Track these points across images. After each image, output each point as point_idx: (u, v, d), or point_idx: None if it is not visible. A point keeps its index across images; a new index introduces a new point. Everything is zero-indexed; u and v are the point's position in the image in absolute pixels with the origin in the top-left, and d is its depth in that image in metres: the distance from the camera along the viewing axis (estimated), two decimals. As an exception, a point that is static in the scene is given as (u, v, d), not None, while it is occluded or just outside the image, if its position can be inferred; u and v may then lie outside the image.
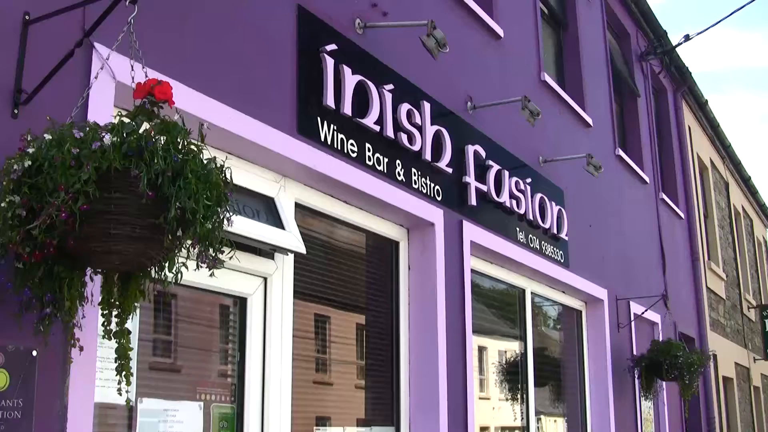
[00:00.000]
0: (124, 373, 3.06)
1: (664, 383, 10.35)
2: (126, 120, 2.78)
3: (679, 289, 12.91)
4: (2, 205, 2.68)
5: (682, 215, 13.82)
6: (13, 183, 2.70)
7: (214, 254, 2.93)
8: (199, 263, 2.96)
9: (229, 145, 4.31)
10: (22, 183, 2.69)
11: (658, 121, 13.57)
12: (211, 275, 3.07)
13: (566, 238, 8.31)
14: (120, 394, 3.03)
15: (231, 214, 2.97)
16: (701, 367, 9.68)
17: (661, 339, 10.53)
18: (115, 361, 3.06)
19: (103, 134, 2.69)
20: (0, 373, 3.08)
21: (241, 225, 4.11)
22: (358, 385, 5.59)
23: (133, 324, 3.64)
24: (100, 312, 3.10)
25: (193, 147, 2.79)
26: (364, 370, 5.64)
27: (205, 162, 2.81)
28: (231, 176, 2.93)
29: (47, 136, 2.74)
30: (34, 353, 3.19)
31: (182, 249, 2.92)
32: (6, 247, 2.70)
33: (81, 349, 3.12)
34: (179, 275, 3.03)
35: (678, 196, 13.79)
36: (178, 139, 2.75)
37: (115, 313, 3.07)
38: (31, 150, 2.73)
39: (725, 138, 17.50)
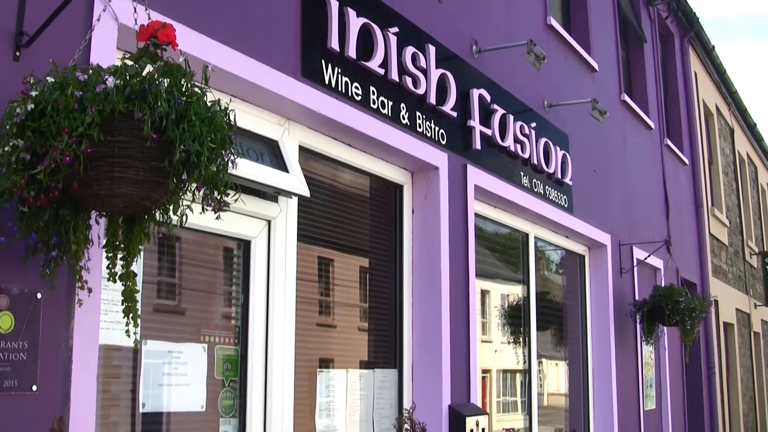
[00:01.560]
0: (131, 315, 3.09)
1: (665, 328, 10.41)
2: (129, 63, 2.76)
3: (682, 235, 12.93)
4: (6, 149, 2.68)
5: (687, 161, 13.79)
6: (17, 127, 2.70)
7: (219, 197, 2.93)
8: (204, 206, 2.96)
9: (232, 87, 4.29)
10: (26, 127, 2.68)
11: (664, 66, 13.47)
12: (217, 218, 3.08)
13: (570, 183, 8.30)
14: (128, 336, 3.05)
15: (235, 156, 2.97)
16: (702, 313, 9.72)
17: (663, 284, 10.57)
18: (122, 304, 3.08)
19: (107, 77, 2.68)
20: (5, 316, 3.11)
21: (245, 168, 4.11)
22: (361, 328, 5.63)
23: (137, 266, 3.66)
24: (104, 255, 3.11)
25: (196, 90, 2.77)
26: (367, 313, 5.68)
27: (209, 104, 2.80)
28: (235, 119, 2.92)
29: (50, 79, 2.73)
30: (39, 296, 3.21)
31: (187, 192, 2.93)
32: (11, 191, 2.70)
33: (90, 291, 3.14)
34: (184, 218, 3.03)
35: (683, 142, 13.74)
36: (182, 82, 2.73)
37: (120, 255, 3.09)
38: (33, 93, 2.72)
39: (731, 84, 17.38)
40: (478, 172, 6.49)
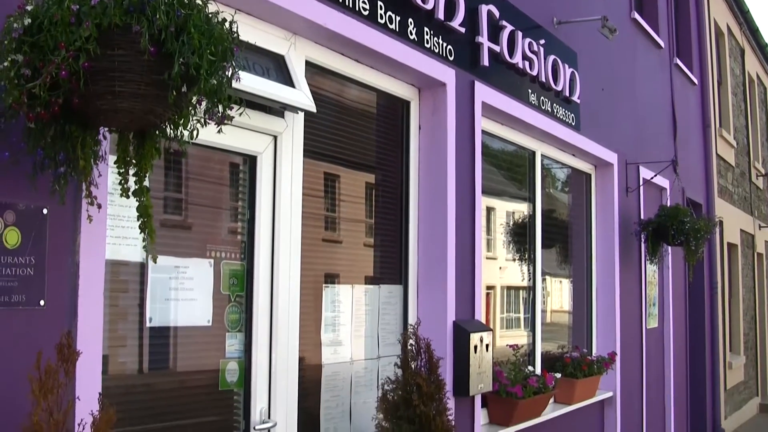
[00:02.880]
0: (147, 230, 3.09)
1: (669, 248, 10.44)
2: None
3: (689, 155, 12.88)
4: (5, 64, 2.65)
5: (696, 81, 13.66)
6: (15, 42, 2.66)
7: (222, 111, 2.91)
8: (206, 120, 2.94)
9: (238, 1, 4.22)
10: (23, 42, 2.64)
11: (675, -16, 13.28)
12: (219, 132, 3.07)
13: (578, 101, 8.23)
14: (145, 251, 3.06)
15: (237, 70, 2.93)
16: (707, 233, 9.73)
17: (669, 204, 10.57)
18: (138, 219, 3.08)
19: (104, -11, 2.63)
20: (12, 231, 3.11)
21: (251, 82, 4.07)
22: (366, 244, 5.64)
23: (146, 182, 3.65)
24: (111, 170, 3.10)
25: (197, 1, 2.73)
26: (372, 229, 5.68)
27: (209, 17, 2.75)
28: (237, 31, 2.88)
29: (47, -7, 2.68)
30: (45, 211, 3.21)
31: (191, 106, 2.90)
32: (12, 106, 2.67)
33: (99, 206, 3.14)
34: (195, 133, 3.02)
35: (692, 61, 13.60)
36: (182, -6, 2.69)
37: (132, 171, 3.08)
38: (29, 7, 2.68)
39: (743, 4, 17.13)
40: (485, 89, 6.44)
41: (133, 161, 3.08)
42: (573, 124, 8.13)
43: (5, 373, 3.08)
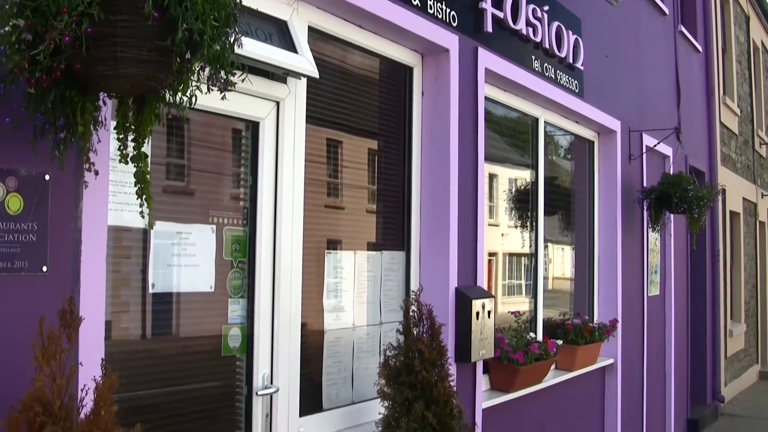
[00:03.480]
0: (144, 196, 3.08)
1: (671, 215, 10.42)
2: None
3: (693, 122, 12.84)
4: (6, 29, 2.62)
5: (700, 49, 13.58)
6: (17, 6, 2.63)
7: (224, 77, 2.90)
8: (210, 86, 2.93)
9: (240, -35, 4.18)
10: (25, 6, 2.61)
11: (681, -52, 13.16)
12: (222, 98, 3.05)
13: (582, 68, 8.19)
14: (143, 218, 3.05)
15: (240, 36, 2.92)
16: (710, 201, 9.71)
17: (671, 172, 10.55)
18: (135, 186, 3.07)
19: (108, -47, 2.61)
20: (14, 197, 3.11)
21: (253, 48, 4.05)
22: (369, 210, 5.63)
23: (147, 148, 3.64)
24: (112, 136, 3.09)
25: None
26: (375, 195, 5.67)
27: (212, -18, 2.73)
28: (241, -3, 2.87)
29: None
30: (47, 177, 3.20)
31: (193, 72, 2.89)
32: (13, 72, 2.65)
33: (96, 173, 3.13)
34: (194, 99, 3.00)
35: (697, 29, 13.51)
36: (185, -42, 2.66)
37: (131, 137, 3.06)
38: (31, -29, 2.65)
39: (749, -31, 17.03)
40: (489, 56, 6.40)
41: (132, 127, 3.06)
42: (576, 91, 8.10)
43: (8, 339, 3.09)
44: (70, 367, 2.78)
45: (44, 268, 3.20)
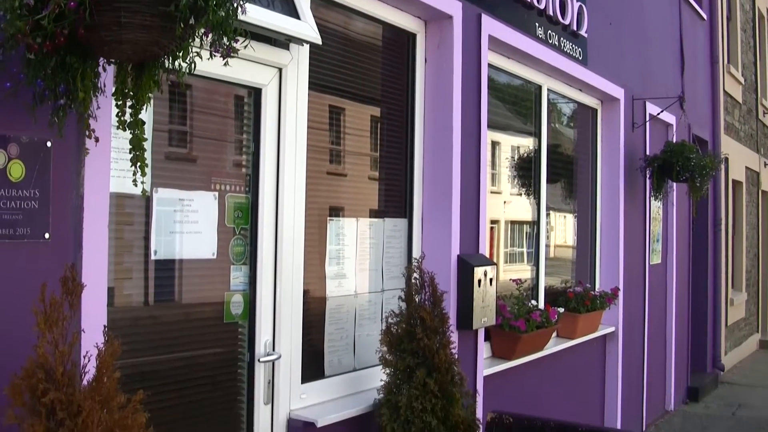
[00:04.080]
0: (138, 163, 3.06)
1: (674, 184, 10.40)
2: None
3: (696, 91, 12.78)
4: (8, -6, 2.60)
5: (705, 16, 13.49)
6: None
7: (228, 43, 2.88)
8: (213, 52, 2.91)
9: (243, -71, 4.15)
10: (27, -30, 2.59)
11: None
12: (225, 65, 3.03)
13: (585, 36, 8.14)
14: (135, 185, 3.04)
15: (244, 1, 2.90)
16: (713, 170, 9.69)
17: (674, 140, 10.51)
18: (130, 152, 3.05)
19: None
20: (15, 164, 3.10)
21: (256, 14, 4.02)
22: (371, 177, 5.62)
23: (147, 115, 3.63)
24: (113, 103, 3.07)
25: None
26: (377, 162, 5.66)
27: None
28: (245, -37, 2.84)
29: None
30: (49, 144, 3.19)
31: (195, 38, 2.87)
32: (15, 37, 2.63)
33: (97, 140, 3.11)
34: (193, 65, 2.98)
35: (702, -5, 13.43)
36: (190, -76, 2.64)
37: (129, 103, 3.04)
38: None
39: (755, -65, 16.88)
40: (492, 22, 6.36)
41: (131, 93, 3.04)
42: (580, 58, 8.06)
43: (10, 306, 3.09)
44: (73, 334, 2.78)
45: (46, 235, 3.20)
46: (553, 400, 7.58)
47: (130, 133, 3.05)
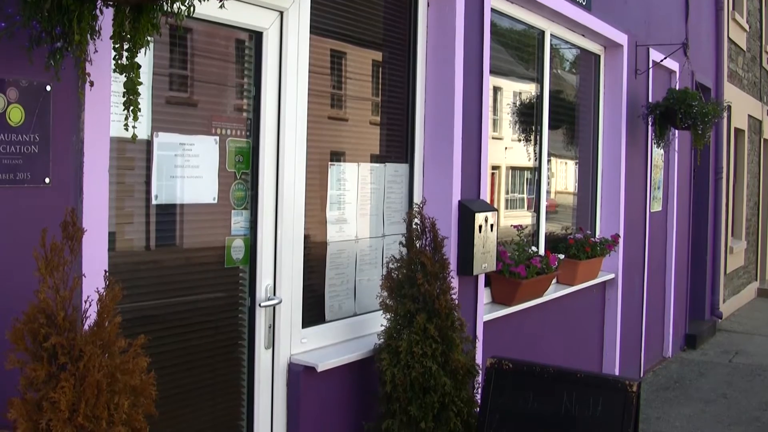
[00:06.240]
0: (131, 108, 3.02)
1: (676, 131, 10.37)
2: None
3: (700, 38, 12.67)
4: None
5: (711, -40, 13.36)
6: None
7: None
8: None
9: None
10: None
11: None
12: (221, 6, 3.00)
13: (590, -20, 8.06)
14: (126, 129, 3.00)
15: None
16: (715, 118, 9.63)
17: (677, 87, 10.44)
18: (123, 96, 3.01)
19: None
20: (15, 108, 3.07)
21: (257, -45, 3.97)
22: (372, 122, 5.59)
23: (147, 59, 3.59)
24: (112, 46, 3.03)
25: None
26: (379, 107, 5.62)
27: None
28: None
29: None
30: (48, 88, 3.17)
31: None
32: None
33: (92, 84, 3.07)
34: (192, 8, 2.94)
35: (708, -60, 13.27)
36: None
37: (126, 47, 3.00)
38: None
39: None
40: (496, -34, 6.29)
41: (128, 36, 3.00)
42: (584, 3, 7.97)
43: (11, 251, 3.09)
44: (74, 279, 2.78)
45: (47, 180, 3.18)
46: (552, 346, 7.62)
47: (125, 76, 3.01)
